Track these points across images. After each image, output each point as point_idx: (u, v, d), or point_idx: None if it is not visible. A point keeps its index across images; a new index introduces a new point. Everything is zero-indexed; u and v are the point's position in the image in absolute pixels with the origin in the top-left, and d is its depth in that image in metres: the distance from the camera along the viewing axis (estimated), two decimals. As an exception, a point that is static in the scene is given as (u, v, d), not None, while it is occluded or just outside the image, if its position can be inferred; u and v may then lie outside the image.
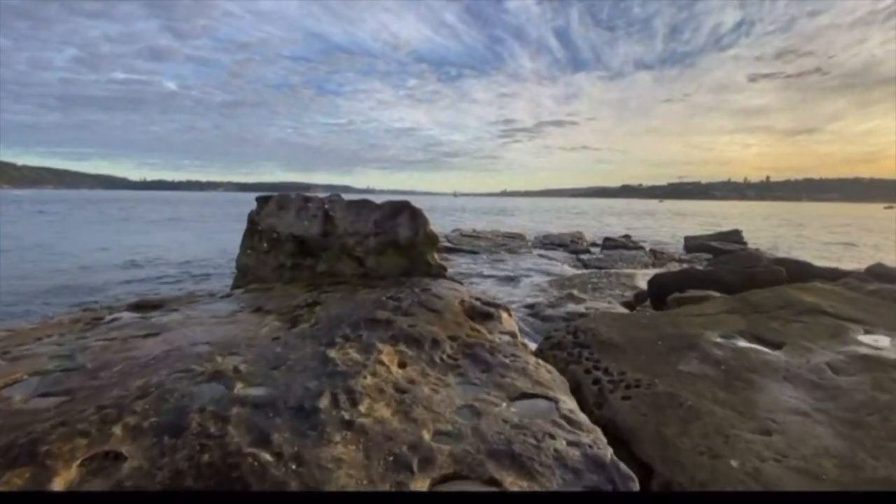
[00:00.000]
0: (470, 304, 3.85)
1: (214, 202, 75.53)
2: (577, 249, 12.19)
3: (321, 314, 3.36)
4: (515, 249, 11.80)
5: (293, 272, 5.51)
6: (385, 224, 5.28)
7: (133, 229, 16.65)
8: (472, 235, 13.81)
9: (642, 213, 52.48)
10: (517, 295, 6.54)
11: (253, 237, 5.66)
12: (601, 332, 3.31)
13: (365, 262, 5.33)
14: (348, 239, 5.33)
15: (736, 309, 3.42)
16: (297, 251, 5.46)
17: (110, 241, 13.47)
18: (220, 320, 3.47)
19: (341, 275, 5.33)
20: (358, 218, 5.34)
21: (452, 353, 2.63)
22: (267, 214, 5.57)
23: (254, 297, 4.37)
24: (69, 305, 6.76)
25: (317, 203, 5.46)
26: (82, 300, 7.00)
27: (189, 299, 4.59)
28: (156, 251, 11.29)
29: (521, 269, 8.99)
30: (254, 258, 5.69)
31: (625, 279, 6.70)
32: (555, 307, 5.21)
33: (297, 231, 5.46)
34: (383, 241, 5.27)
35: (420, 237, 5.25)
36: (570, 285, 6.62)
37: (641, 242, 15.23)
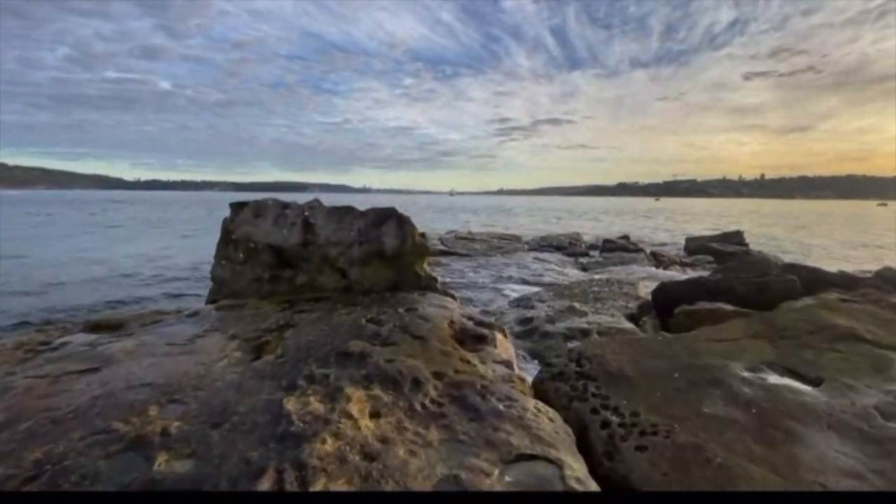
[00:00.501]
0: (461, 324, 3.45)
1: (208, 203, 74.79)
2: (576, 252, 11.81)
3: (290, 342, 2.95)
4: (511, 252, 11.41)
5: (271, 285, 5.09)
6: (370, 233, 4.87)
7: (118, 235, 16.12)
8: (467, 238, 13.40)
9: (639, 212, 52.24)
10: (512, 307, 6.14)
11: (227, 247, 5.23)
12: (609, 362, 2.90)
13: (348, 274, 4.92)
14: (330, 249, 4.92)
15: (760, 333, 3.02)
16: (275, 262, 5.04)
17: (92, 247, 12.95)
18: (176, 349, 3.05)
19: (322, 288, 4.92)
20: (340, 226, 4.92)
21: (437, 397, 2.22)
22: (242, 222, 5.14)
23: (222, 316, 3.95)
24: (35, 321, 6.33)
25: (295, 210, 5.04)
26: (46, 316, 6.55)
27: (152, 318, 4.16)
28: (138, 259, 10.78)
29: (517, 275, 8.59)
30: (229, 270, 5.26)
31: (628, 288, 6.31)
32: (554, 322, 4.82)
33: (274, 240, 5.03)
34: (368, 252, 4.86)
35: (408, 247, 4.84)
36: (570, 295, 6.22)
37: (641, 244, 14.89)
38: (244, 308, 4.24)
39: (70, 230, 19.48)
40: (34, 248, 13.85)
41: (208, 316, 4.03)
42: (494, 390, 2.30)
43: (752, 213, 49.91)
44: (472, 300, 6.80)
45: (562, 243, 13.42)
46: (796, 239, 19.57)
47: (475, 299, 6.82)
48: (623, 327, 4.66)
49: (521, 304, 6.12)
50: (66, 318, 6.41)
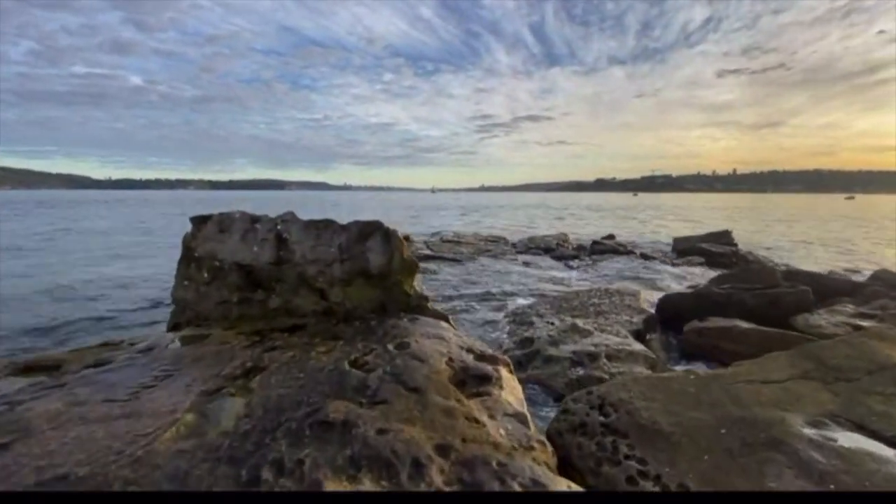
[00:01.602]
0: (460, 361, 2.97)
1: (182, 202, 72.31)
2: (564, 255, 11.44)
3: (256, 399, 2.42)
4: (499, 256, 10.98)
5: (241, 308, 4.52)
6: (352, 249, 4.34)
7: (77, 243, 15.00)
8: (453, 241, 12.91)
9: (620, 209, 52.60)
10: (509, 322, 5.69)
11: (189, 266, 4.62)
12: (639, 410, 2.45)
13: (328, 295, 4.38)
14: (307, 267, 4.37)
15: (811, 373, 2.62)
16: (245, 283, 4.46)
17: (44, 260, 11.90)
18: (115, 409, 2.48)
19: (299, 311, 4.37)
20: (318, 242, 4.38)
21: (444, 484, 1.73)
22: (205, 238, 4.54)
23: (178, 354, 3.37)
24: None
25: (267, 224, 4.47)
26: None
27: (96, 356, 3.55)
28: (100, 271, 9.87)
29: (510, 284, 8.14)
30: (192, 291, 4.66)
31: (630, 299, 5.92)
32: (557, 344, 4.38)
33: (243, 259, 4.46)
34: (351, 270, 4.33)
35: (396, 264, 4.33)
36: (569, 308, 5.80)
37: (629, 245, 14.66)
38: (207, 340, 3.66)
39: (21, 238, 18.22)
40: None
41: (163, 354, 3.44)
42: (515, 470, 1.82)
43: (729, 209, 50.80)
44: (466, 316, 6.32)
45: (549, 245, 13.05)
46: (778, 235, 19.69)
47: (469, 316, 6.34)
48: (634, 350, 4.25)
49: (518, 319, 5.67)
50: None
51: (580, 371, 4.00)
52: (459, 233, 15.69)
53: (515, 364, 4.37)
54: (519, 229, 21.51)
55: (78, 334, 5.93)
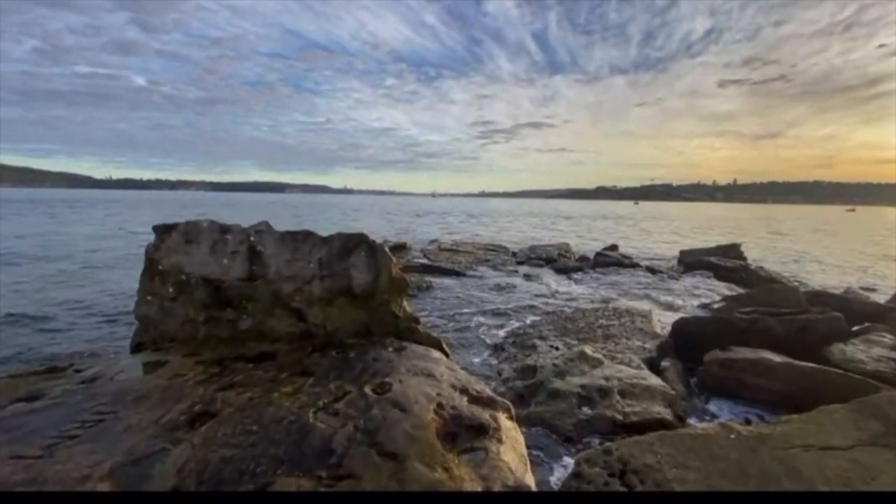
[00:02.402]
0: (451, 408, 2.48)
1: (178, 202, 71.75)
2: (567, 267, 10.93)
3: (192, 464, 1.92)
4: (499, 266, 10.47)
5: (208, 328, 4.02)
6: (334, 265, 3.85)
7: (62, 244, 14.39)
8: (451, 249, 12.41)
9: (621, 217, 52.16)
10: (509, 344, 5.19)
11: (153, 279, 4.12)
12: (671, 483, 1.98)
13: (306, 316, 3.89)
14: (283, 284, 3.88)
15: (879, 437, 2.14)
16: (213, 301, 3.97)
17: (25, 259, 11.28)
18: (20, 468, 1.99)
19: (273, 334, 3.87)
20: (296, 256, 3.89)
21: None
22: (170, 249, 4.05)
23: (121, 389, 2.87)
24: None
25: (238, 235, 3.98)
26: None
27: (32, 385, 3.06)
28: (76, 278, 9.29)
29: (510, 300, 7.64)
30: (156, 307, 4.16)
31: (641, 321, 5.43)
32: (563, 375, 3.89)
33: (211, 273, 3.97)
34: (332, 288, 3.84)
35: (383, 283, 3.84)
36: (575, 330, 5.31)
37: (632, 255, 14.18)
38: (160, 371, 3.17)
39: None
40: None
41: (105, 387, 2.94)
42: None
43: (731, 219, 50.37)
44: (462, 336, 5.82)
45: (551, 255, 12.55)
46: (784, 248, 19.21)
47: (465, 336, 5.84)
48: (650, 384, 3.75)
49: (520, 341, 5.18)
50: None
51: (590, 410, 3.50)
52: (458, 241, 15.19)
53: (517, 398, 3.87)
54: (519, 237, 21.00)
55: (31, 351, 5.42)
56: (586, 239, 21.64)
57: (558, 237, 22.84)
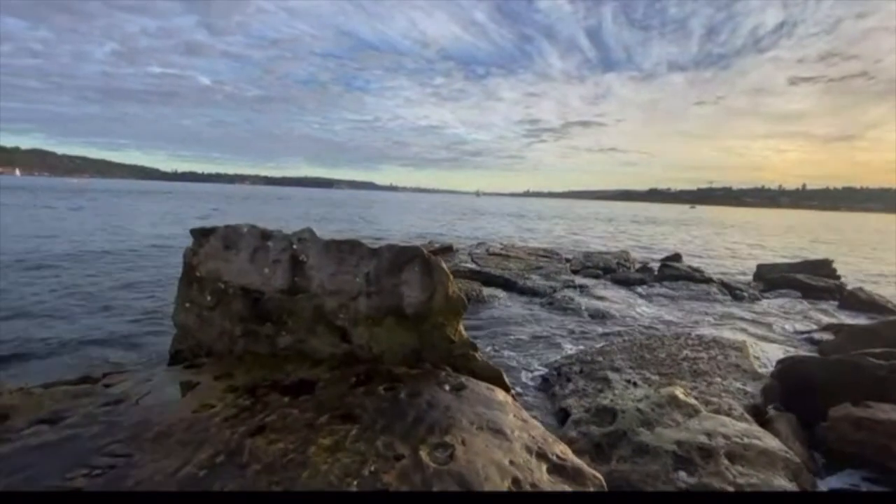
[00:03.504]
0: (530, 488, 1.91)
1: (236, 195, 75.05)
2: (629, 279, 9.99)
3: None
4: (554, 275, 9.71)
5: (245, 341, 3.66)
6: (383, 280, 3.36)
7: (122, 241, 14.84)
8: (500, 254, 11.75)
9: (677, 222, 49.17)
10: (575, 373, 4.55)
11: (191, 286, 3.81)
12: None
13: (351, 336, 3.43)
14: (327, 300, 3.44)
15: None
16: (251, 313, 3.60)
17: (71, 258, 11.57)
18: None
19: (314, 354, 3.44)
20: (341, 268, 3.43)
21: None
22: (208, 255, 3.72)
23: (146, 417, 2.51)
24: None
25: (280, 242, 3.58)
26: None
27: (56, 402, 2.78)
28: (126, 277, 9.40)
29: (569, 317, 6.94)
30: (194, 316, 3.85)
31: (734, 355, 4.61)
32: (652, 425, 3.22)
33: (250, 283, 3.60)
34: (380, 306, 3.37)
35: (437, 303, 3.32)
36: (654, 361, 4.59)
37: (702, 265, 12.95)
38: (190, 395, 2.80)
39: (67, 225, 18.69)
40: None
41: (128, 414, 2.60)
42: None
43: (802, 228, 46.24)
44: (518, 360, 5.21)
45: (609, 265, 11.61)
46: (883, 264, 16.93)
47: (521, 359, 5.23)
48: (767, 447, 3.00)
49: (588, 371, 4.51)
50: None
51: (690, 477, 2.82)
52: (508, 244, 14.49)
53: (593, 448, 3.24)
54: (571, 241, 19.87)
55: (79, 348, 5.33)
56: (643, 245, 20.24)
57: (610, 241, 21.58)
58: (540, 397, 4.40)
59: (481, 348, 3.73)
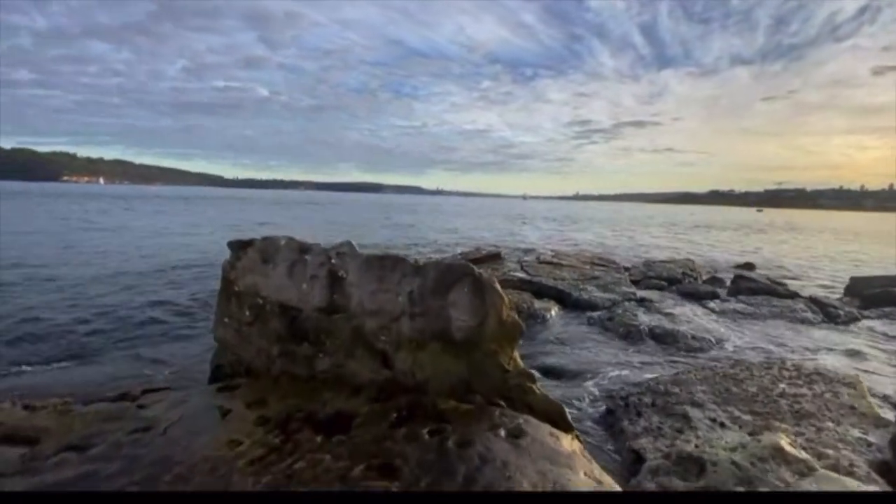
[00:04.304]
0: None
1: (288, 201, 78.17)
2: (699, 292, 9.05)
3: None
4: (611, 287, 8.98)
5: (283, 362, 3.42)
6: (428, 300, 2.99)
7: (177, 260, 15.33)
8: (552, 262, 11.12)
9: (744, 226, 45.65)
10: (647, 407, 3.97)
11: (230, 301, 3.64)
12: None
13: (392, 361, 3.10)
14: (366, 320, 3.13)
15: None
16: (288, 332, 3.36)
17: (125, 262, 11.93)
18: None
19: (353, 380, 3.14)
20: (382, 286, 3.10)
21: None
22: (246, 269, 3.52)
23: (171, 449, 2.29)
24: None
25: (318, 257, 3.31)
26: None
27: (87, 425, 2.63)
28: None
29: (633, 335, 6.27)
30: (232, 331, 3.68)
31: (845, 392, 3.85)
32: (752, 484, 2.63)
33: (288, 299, 3.36)
34: (424, 330, 3.01)
35: (490, 328, 2.90)
36: (743, 396, 3.93)
37: (780, 276, 11.64)
38: (220, 429, 2.56)
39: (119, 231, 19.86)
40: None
41: (151, 446, 2.40)
42: None
43: (893, 232, 41.34)
44: (575, 386, 4.68)
45: (673, 275, 10.65)
46: None
47: (579, 385, 4.70)
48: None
49: (663, 406, 3.92)
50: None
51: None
52: (559, 251, 13.77)
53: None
54: (627, 248, 18.69)
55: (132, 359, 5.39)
56: (707, 252, 18.71)
57: (670, 247, 20.15)
58: (603, 432, 3.87)
59: (529, 366, 3.27)
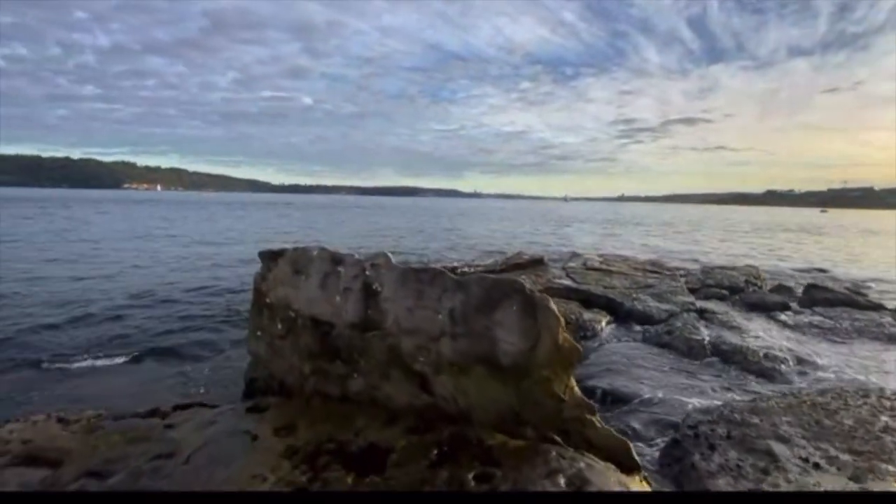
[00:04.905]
0: None
1: (330, 205, 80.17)
2: (767, 303, 8.20)
3: None
4: (668, 296, 8.29)
5: (315, 380, 3.19)
6: (471, 320, 2.66)
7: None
8: (601, 269, 10.49)
9: (807, 228, 42.36)
10: (724, 446, 3.46)
11: (261, 314, 3.46)
12: None
13: (432, 386, 2.79)
14: (403, 339, 2.85)
15: None
16: (320, 349, 3.12)
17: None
18: None
19: (389, 404, 2.86)
20: (420, 302, 2.79)
21: None
22: (277, 281, 3.32)
23: (190, 481, 2.06)
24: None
25: (352, 268, 3.05)
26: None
27: (111, 447, 2.48)
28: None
29: (697, 352, 5.66)
30: (265, 345, 3.50)
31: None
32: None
33: (321, 313, 3.13)
34: (467, 352, 2.68)
35: (543, 353, 2.53)
36: (840, 433, 3.35)
37: (857, 285, 10.48)
38: (242, 461, 2.33)
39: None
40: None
41: (171, 476, 2.20)
42: None
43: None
44: (634, 411, 4.21)
45: (735, 283, 9.76)
46: None
47: (643, 414, 4.22)
48: None
49: (739, 437, 3.39)
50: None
51: None
52: (606, 255, 13.07)
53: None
54: (680, 252, 17.56)
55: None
56: (770, 257, 17.29)
57: (727, 252, 18.81)
58: (668, 468, 3.39)
59: (580, 387, 2.85)
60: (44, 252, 13.60)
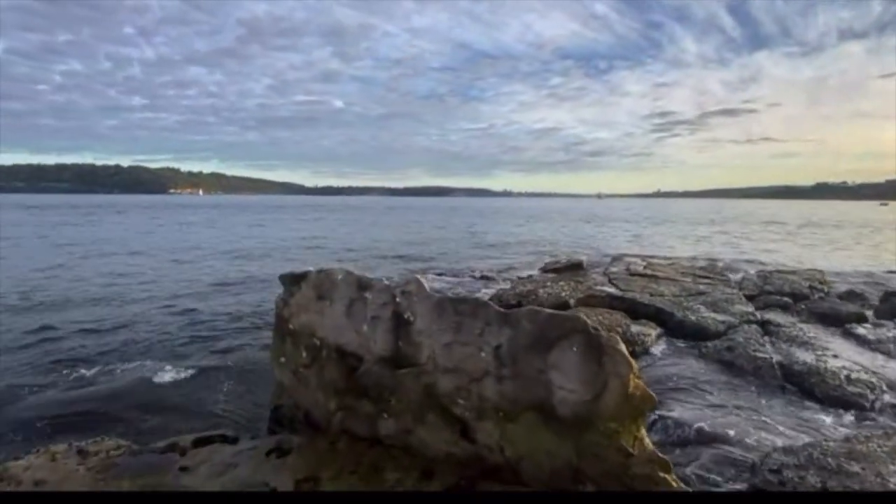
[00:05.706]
0: None
1: (362, 206, 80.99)
2: (839, 313, 7.32)
3: None
4: (724, 305, 7.54)
5: (343, 416, 2.87)
6: (521, 360, 2.26)
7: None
8: (646, 274, 9.78)
9: (867, 224, 39.31)
10: None
11: (284, 341, 3.17)
12: None
13: (474, 433, 2.41)
14: (440, 378, 2.48)
15: None
16: (347, 385, 2.80)
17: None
18: None
19: (425, 452, 2.50)
20: (459, 337, 2.41)
21: None
22: (300, 307, 3.01)
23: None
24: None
25: (381, 295, 2.69)
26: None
27: (137, 476, 2.23)
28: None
29: (769, 380, 5.02)
30: (290, 373, 3.21)
31: None
32: None
33: (347, 343, 2.80)
34: (516, 398, 2.28)
35: (609, 403, 2.11)
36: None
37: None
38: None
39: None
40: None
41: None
42: None
43: None
44: (704, 456, 3.67)
45: (798, 289, 8.84)
46: None
47: (711, 456, 3.68)
48: None
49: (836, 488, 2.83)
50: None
51: None
52: (651, 259, 12.29)
53: None
54: (731, 254, 16.35)
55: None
56: (829, 257, 15.91)
57: (781, 252, 17.48)
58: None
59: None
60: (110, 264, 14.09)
